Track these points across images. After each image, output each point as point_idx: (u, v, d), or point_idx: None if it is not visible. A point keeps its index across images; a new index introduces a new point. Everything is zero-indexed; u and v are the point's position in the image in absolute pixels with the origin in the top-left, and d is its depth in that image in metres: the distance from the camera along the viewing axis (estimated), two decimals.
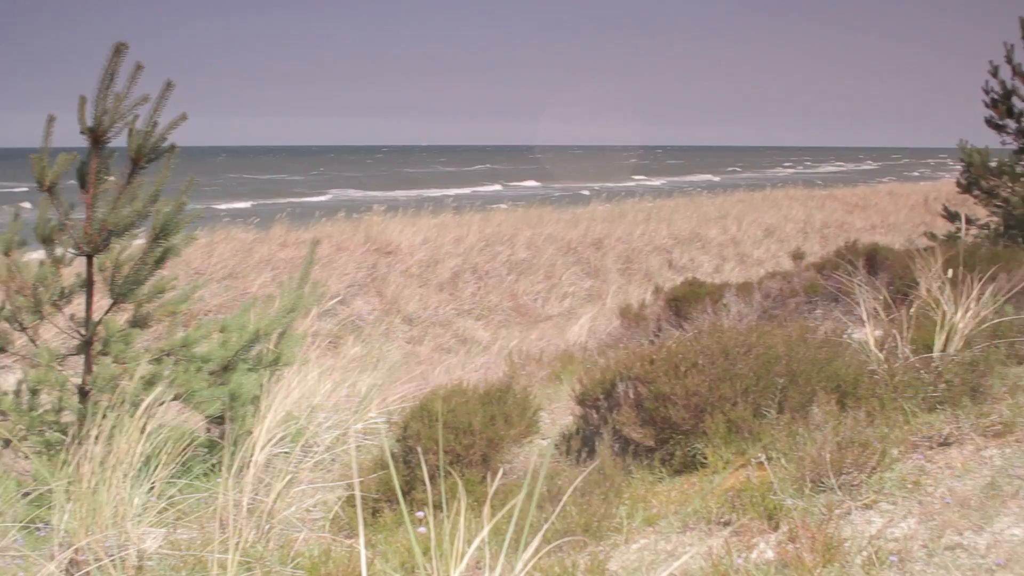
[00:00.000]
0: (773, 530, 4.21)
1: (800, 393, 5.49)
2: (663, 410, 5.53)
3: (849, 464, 4.49)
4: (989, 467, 4.61)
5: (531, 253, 22.72)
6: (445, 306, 19.32)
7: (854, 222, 31.61)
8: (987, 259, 9.25)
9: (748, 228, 28.06)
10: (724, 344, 5.77)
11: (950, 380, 5.57)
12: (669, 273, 22.93)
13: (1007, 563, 3.52)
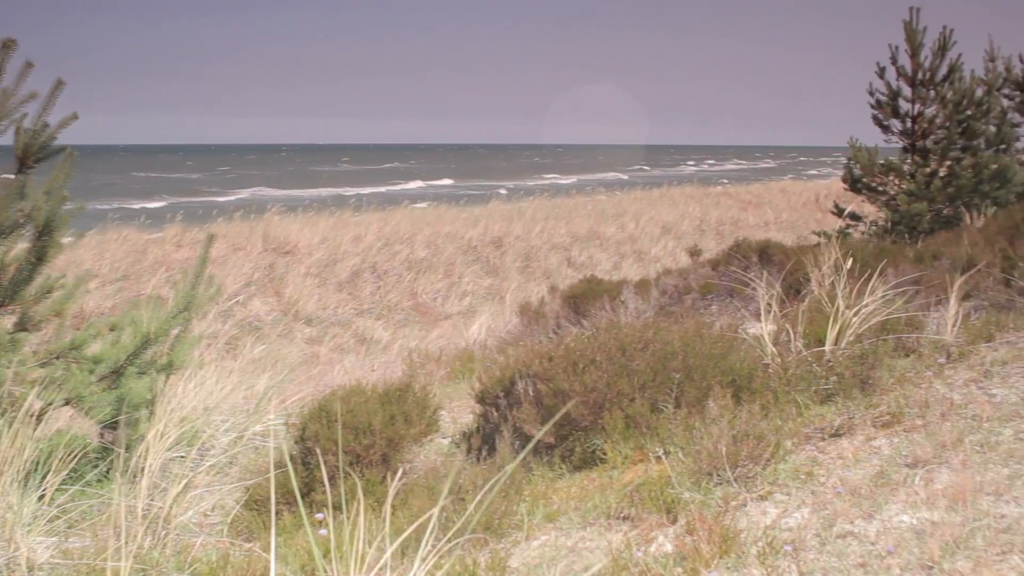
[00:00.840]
0: (671, 523, 4.27)
1: (696, 388, 5.57)
2: (562, 406, 5.57)
3: (744, 457, 4.57)
4: (879, 456, 4.74)
5: (431, 252, 22.68)
6: (344, 306, 19.18)
7: (748, 219, 32.19)
8: (875, 255, 9.51)
9: (646, 226, 28.37)
10: (622, 340, 5.82)
11: (841, 373, 5.70)
12: (568, 271, 23.08)
13: (896, 549, 3.62)
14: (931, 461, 4.51)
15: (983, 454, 4.54)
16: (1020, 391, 5.53)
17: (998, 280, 8.09)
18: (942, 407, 5.31)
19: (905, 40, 15.70)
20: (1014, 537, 3.60)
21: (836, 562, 3.62)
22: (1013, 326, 6.97)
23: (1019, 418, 5.03)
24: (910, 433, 4.98)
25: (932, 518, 3.87)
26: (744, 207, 34.91)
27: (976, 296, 8.23)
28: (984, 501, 3.98)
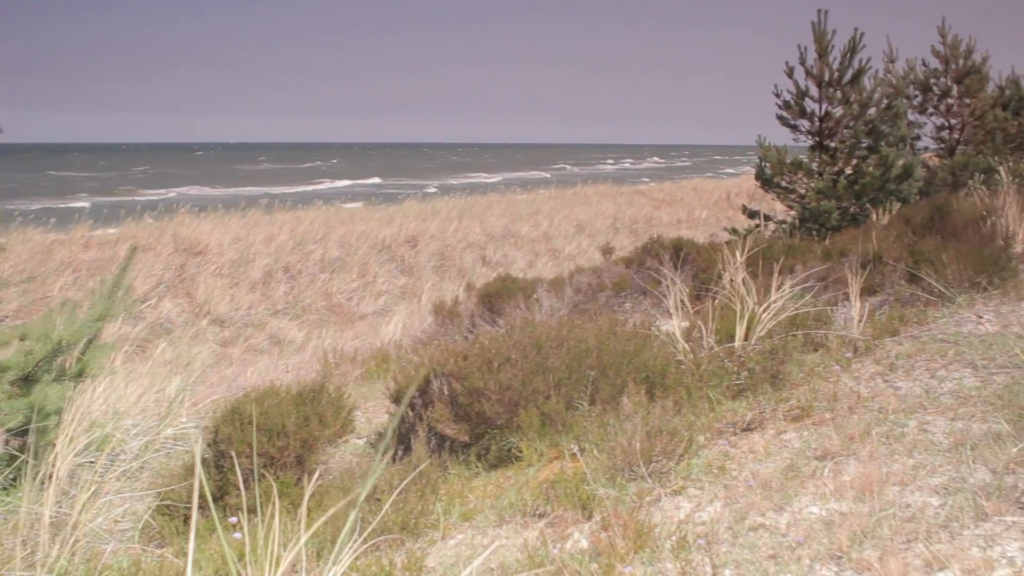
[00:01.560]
0: (587, 519, 4.30)
1: (611, 385, 5.62)
2: (477, 405, 5.57)
3: (658, 452, 4.62)
4: (789, 450, 4.82)
5: (345, 251, 22.51)
6: (257, 306, 18.94)
7: (661, 217, 32.51)
8: (785, 252, 9.67)
9: (560, 224, 28.50)
10: (536, 338, 5.85)
11: (752, 368, 5.80)
12: (483, 269, 23.08)
13: (806, 540, 3.69)
14: (839, 453, 4.61)
15: (889, 445, 4.65)
16: (924, 383, 5.68)
17: (903, 276, 8.28)
18: (850, 400, 5.43)
19: (814, 41, 15.98)
20: (918, 526, 3.69)
21: (748, 554, 3.68)
22: (917, 320, 7.15)
23: (923, 410, 5.16)
24: (819, 426, 5.08)
25: (840, 509, 3.95)
26: (657, 205, 35.25)
27: (882, 291, 8.42)
28: (890, 491, 4.08)
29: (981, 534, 3.60)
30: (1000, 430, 4.60)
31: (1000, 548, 3.48)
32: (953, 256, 7.89)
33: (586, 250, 25.71)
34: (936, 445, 4.59)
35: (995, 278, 7.81)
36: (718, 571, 3.51)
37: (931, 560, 3.40)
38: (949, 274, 7.75)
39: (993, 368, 5.81)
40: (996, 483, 4.02)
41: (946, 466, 4.31)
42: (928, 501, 3.96)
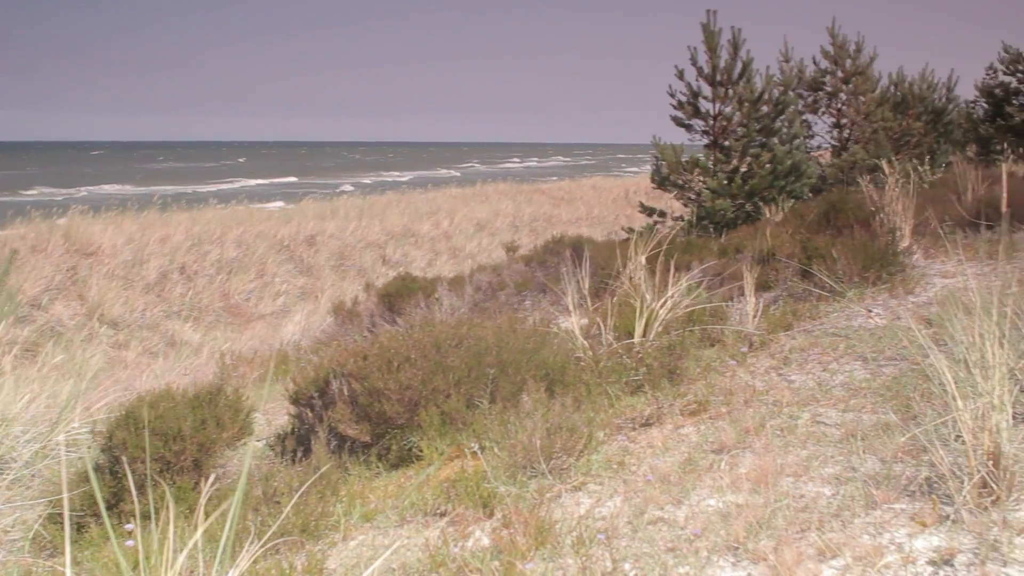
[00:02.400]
0: (488, 517, 4.30)
1: (511, 382, 5.63)
2: (378, 405, 5.54)
3: (559, 449, 4.65)
4: (686, 444, 4.89)
5: (242, 251, 22.20)
6: (153, 308, 18.57)
7: (561, 215, 32.72)
8: (681, 249, 9.80)
9: (460, 223, 28.51)
10: (436, 337, 5.84)
11: (650, 364, 5.86)
12: (383, 269, 22.98)
13: (704, 532, 3.74)
14: (736, 446, 4.69)
15: (783, 438, 4.74)
16: (816, 376, 5.81)
17: (796, 271, 8.45)
18: (745, 394, 5.53)
19: (703, 41, 16.22)
20: (812, 515, 3.78)
21: (647, 548, 3.72)
22: (810, 315, 7.31)
23: (816, 402, 5.28)
24: (716, 420, 5.16)
25: (737, 501, 4.02)
26: (557, 203, 35.47)
27: (776, 287, 8.59)
28: (785, 482, 4.16)
29: (871, 522, 3.70)
30: (889, 420, 4.73)
31: (889, 535, 3.57)
32: (843, 252, 8.09)
33: (486, 248, 25.76)
34: (828, 436, 4.70)
35: (883, 273, 8.02)
36: (618, 565, 3.54)
37: (824, 549, 3.48)
38: (840, 269, 7.94)
39: (882, 360, 5.97)
40: (885, 472, 4.13)
41: (838, 457, 4.42)
42: (821, 491, 4.06)
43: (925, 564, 3.34)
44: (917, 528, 3.62)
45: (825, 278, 7.82)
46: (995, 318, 3.96)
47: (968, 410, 3.76)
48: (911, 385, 5.22)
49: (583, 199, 37.02)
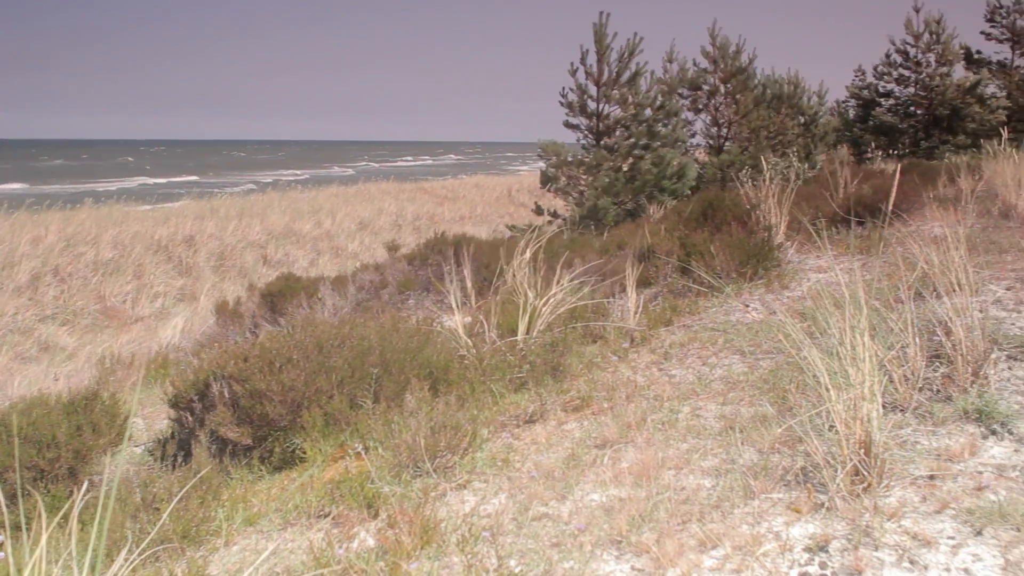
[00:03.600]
0: (373, 518, 4.27)
1: (394, 382, 5.61)
2: (260, 407, 5.46)
3: (443, 447, 4.64)
4: (570, 439, 4.93)
5: (119, 252, 21.64)
6: (24, 312, 17.96)
7: (444, 214, 32.68)
8: (565, 247, 9.89)
9: (343, 222, 28.26)
10: (319, 337, 5.78)
11: (533, 361, 5.90)
12: (264, 269, 22.65)
13: (588, 527, 3.78)
14: (618, 441, 4.74)
15: (664, 432, 4.82)
16: (696, 371, 5.92)
17: (676, 268, 8.59)
18: (627, 389, 5.60)
19: (594, 42, 16.41)
20: (693, 507, 3.85)
21: (532, 544, 3.74)
22: (689, 310, 7.44)
23: (696, 396, 5.38)
24: (598, 416, 5.21)
25: (620, 495, 4.07)
26: (440, 202, 35.43)
27: (657, 283, 8.72)
28: (666, 475, 4.23)
29: (750, 512, 3.79)
30: (766, 412, 4.85)
31: (767, 524, 3.66)
32: (721, 248, 8.25)
33: (369, 248, 25.58)
34: (708, 429, 4.79)
35: (759, 268, 8.21)
36: (503, 562, 3.55)
37: (705, 539, 3.55)
38: (718, 265, 8.10)
39: (759, 354, 6.11)
40: (763, 463, 4.23)
41: (717, 449, 4.51)
42: (701, 483, 4.13)
43: (801, 551, 3.43)
44: (793, 516, 3.72)
45: (704, 274, 7.97)
46: (864, 312, 4.09)
47: (840, 401, 3.87)
48: (787, 378, 5.36)
49: (466, 198, 37.06)
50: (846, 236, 10.03)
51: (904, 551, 3.39)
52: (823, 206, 11.18)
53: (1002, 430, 4.49)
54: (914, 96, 26.20)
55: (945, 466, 4.11)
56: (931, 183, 14.11)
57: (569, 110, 16.69)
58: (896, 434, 4.46)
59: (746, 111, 20.60)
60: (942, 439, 4.43)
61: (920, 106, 26.05)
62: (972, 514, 3.63)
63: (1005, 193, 11.29)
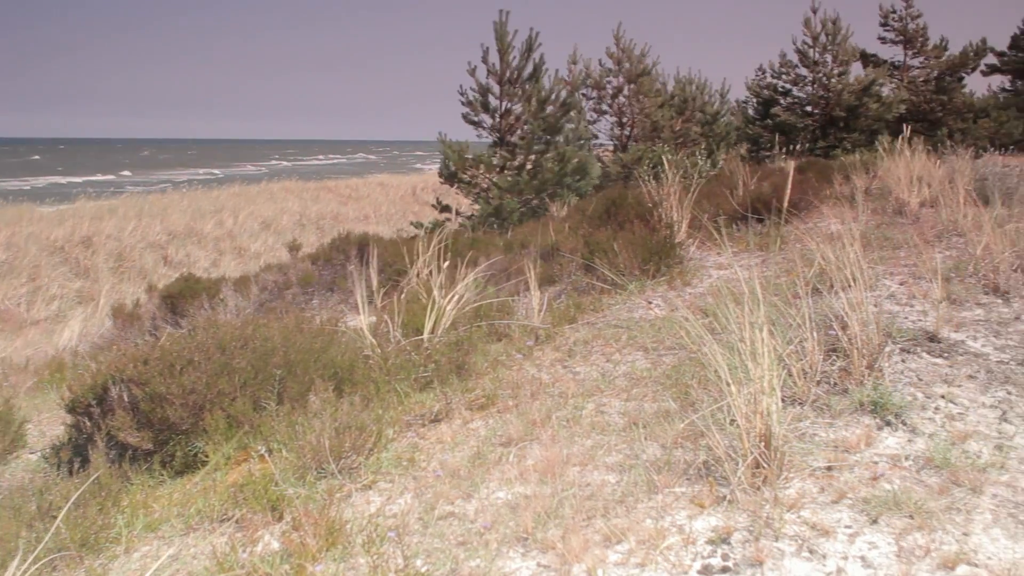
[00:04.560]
0: (277, 521, 4.23)
1: (298, 383, 5.55)
2: (160, 411, 5.36)
3: (348, 448, 4.62)
4: (475, 438, 4.94)
5: (12, 254, 21.07)
6: None
7: (348, 213, 32.47)
8: (469, 245, 9.89)
9: (245, 221, 27.91)
10: (220, 339, 5.69)
11: (438, 360, 5.89)
12: (165, 270, 22.26)
13: (493, 525, 3.79)
14: (523, 439, 4.76)
15: (569, 428, 4.85)
16: (600, 368, 5.97)
17: (580, 266, 8.65)
18: (532, 387, 5.62)
19: (495, 40, 16.44)
20: (597, 503, 3.88)
21: (439, 543, 3.74)
22: (593, 308, 7.50)
23: (600, 393, 5.42)
24: (503, 414, 5.23)
25: (525, 492, 4.08)
26: (344, 201, 35.19)
27: (561, 281, 8.77)
28: (571, 472, 4.26)
29: (654, 506, 3.84)
30: (669, 408, 4.91)
31: (671, 518, 3.71)
32: (624, 246, 8.33)
33: (272, 247, 25.31)
34: (612, 426, 4.84)
35: (662, 265, 8.31)
36: (410, 562, 3.54)
37: (609, 534, 3.59)
38: (621, 263, 8.18)
39: (662, 350, 6.18)
40: (666, 458, 4.29)
41: (621, 445, 4.55)
42: (606, 479, 4.17)
43: (704, 544, 3.49)
44: (696, 510, 3.77)
45: (607, 272, 8.04)
46: (763, 307, 4.16)
47: (741, 395, 3.94)
48: (689, 373, 5.43)
49: (370, 197, 36.89)
50: (746, 233, 10.21)
51: (803, 541, 3.46)
52: (724, 204, 11.37)
53: (896, 421, 4.62)
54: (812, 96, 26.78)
55: (842, 457, 4.22)
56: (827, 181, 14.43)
57: (470, 108, 16.70)
58: (795, 427, 4.56)
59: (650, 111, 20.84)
60: (839, 431, 4.54)
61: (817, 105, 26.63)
62: (868, 503, 3.73)
63: (898, 190, 11.60)
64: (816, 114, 26.75)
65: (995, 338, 6.14)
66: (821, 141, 26.09)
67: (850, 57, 26.57)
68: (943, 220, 10.31)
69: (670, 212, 9.69)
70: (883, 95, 26.14)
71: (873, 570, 3.25)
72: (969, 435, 4.46)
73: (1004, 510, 3.69)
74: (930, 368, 5.51)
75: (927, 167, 13.06)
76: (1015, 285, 7.21)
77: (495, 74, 16.46)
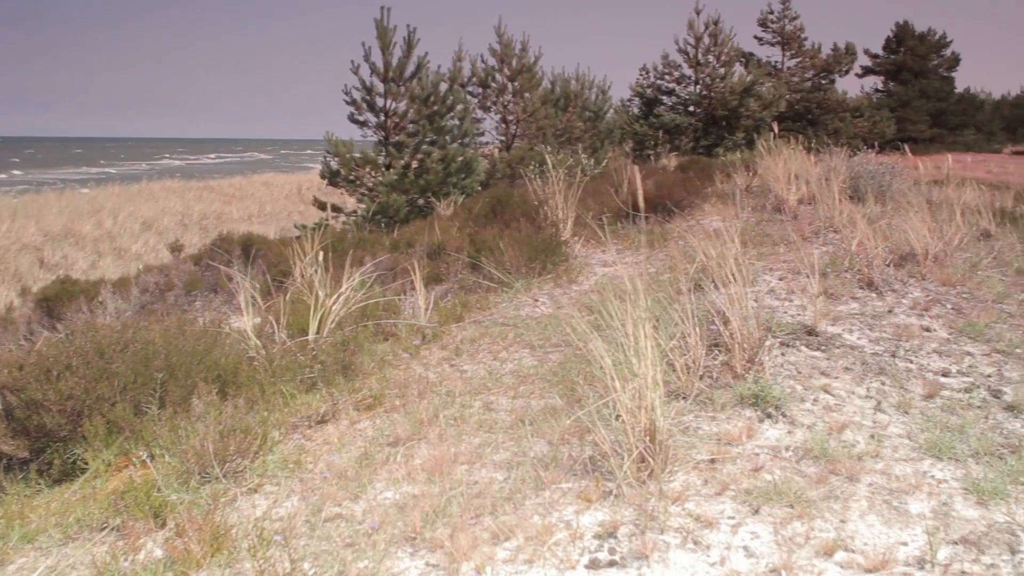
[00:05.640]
0: (160, 528, 4.14)
1: (181, 386, 5.45)
2: (36, 418, 5.20)
3: (233, 451, 4.54)
4: (363, 438, 4.91)
5: None
6: None
7: (232, 212, 31.93)
8: (355, 244, 9.82)
9: (125, 222, 27.22)
10: (99, 343, 5.55)
11: (324, 361, 5.84)
12: (41, 272, 21.56)
13: (382, 525, 3.77)
14: (411, 438, 4.75)
15: (457, 427, 4.86)
16: (487, 366, 5.99)
17: (466, 264, 8.67)
18: (419, 386, 5.62)
19: (377, 38, 16.32)
20: (485, 501, 3.90)
21: (326, 545, 3.70)
22: (479, 306, 7.52)
23: (487, 391, 5.44)
24: (391, 413, 5.21)
25: (413, 492, 4.08)
26: (228, 200, 34.62)
27: (448, 279, 8.77)
28: (459, 470, 4.27)
29: (541, 503, 3.86)
30: (555, 404, 4.96)
31: (558, 514, 3.75)
32: (510, 244, 8.37)
33: (154, 248, 24.73)
34: (499, 423, 4.86)
35: (548, 263, 8.37)
36: (297, 565, 3.51)
37: (498, 532, 3.60)
38: (507, 261, 8.22)
39: (548, 347, 6.24)
40: (553, 454, 4.33)
41: (509, 442, 4.58)
42: (494, 477, 4.19)
43: (591, 538, 3.53)
44: (583, 505, 3.81)
45: (493, 270, 8.07)
46: (647, 304, 4.23)
47: (626, 391, 4.00)
48: (575, 370, 5.49)
49: (255, 196, 36.34)
50: (630, 231, 10.35)
51: (688, 533, 3.53)
52: (609, 202, 11.50)
53: (776, 413, 4.74)
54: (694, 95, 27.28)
55: (725, 450, 4.31)
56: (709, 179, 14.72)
57: (355, 107, 16.57)
58: (679, 421, 4.64)
59: (534, 108, 20.94)
60: (722, 424, 4.64)
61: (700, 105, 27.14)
62: (750, 494, 3.82)
63: (778, 188, 11.89)
64: (699, 113, 27.26)
65: (869, 331, 6.34)
66: (704, 140, 26.60)
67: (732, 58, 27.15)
68: (820, 217, 10.61)
69: (555, 210, 9.77)
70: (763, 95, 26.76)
71: (755, 559, 3.33)
72: (846, 425, 4.60)
73: (879, 497, 3.81)
74: (808, 361, 5.66)
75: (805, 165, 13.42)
76: (888, 279, 7.45)
77: (378, 72, 16.36)
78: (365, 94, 16.52)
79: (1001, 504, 3.75)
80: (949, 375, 5.50)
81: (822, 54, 33.16)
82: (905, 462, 4.20)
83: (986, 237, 9.74)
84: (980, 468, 4.11)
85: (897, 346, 6.02)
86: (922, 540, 3.43)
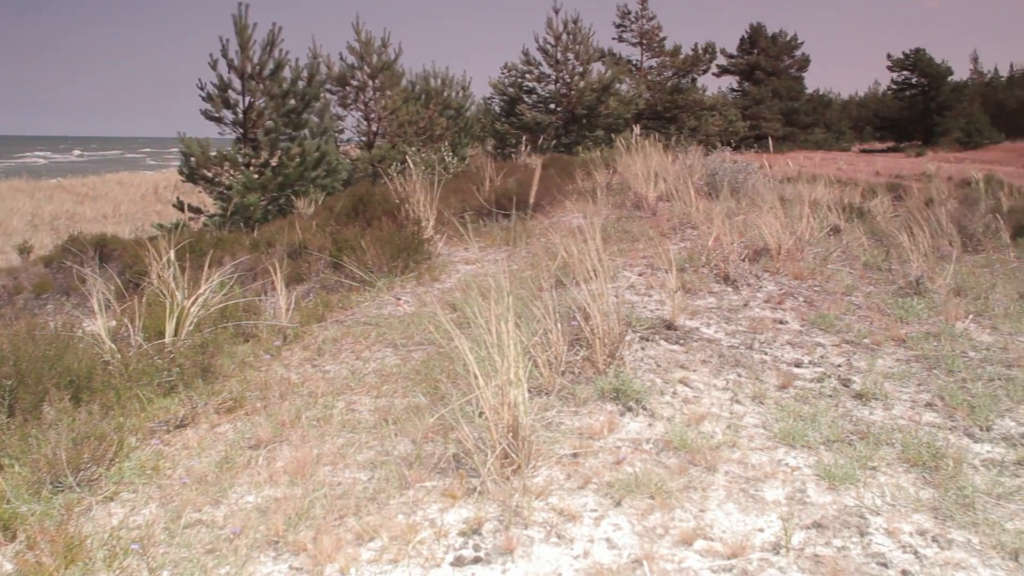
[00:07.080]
0: (10, 541, 3.99)
1: (31, 393, 5.26)
2: None
3: (87, 459, 4.41)
4: (223, 442, 4.82)
5: None
6: None
7: (85, 213, 30.95)
8: (213, 245, 9.63)
9: None
10: None
11: (182, 364, 5.71)
12: None
13: (243, 530, 3.71)
14: (273, 440, 4.69)
15: (320, 428, 4.81)
16: (350, 365, 5.94)
17: (328, 263, 8.58)
18: (281, 388, 5.54)
19: (235, 34, 16.06)
20: (349, 501, 3.87)
21: (186, 552, 3.62)
22: (342, 305, 7.46)
23: (350, 391, 5.40)
24: (252, 416, 5.13)
25: (276, 495, 4.02)
26: (81, 200, 33.56)
27: (309, 279, 8.68)
28: (322, 472, 4.23)
29: (406, 502, 3.86)
30: (419, 403, 4.95)
31: (423, 512, 3.75)
32: (372, 243, 8.33)
33: (2, 250, 23.85)
34: (363, 423, 4.83)
35: (410, 262, 8.36)
36: (156, 574, 3.43)
37: (362, 532, 3.58)
38: (369, 260, 8.17)
39: (411, 346, 6.22)
40: (417, 453, 4.32)
41: (372, 442, 4.56)
42: (358, 477, 4.16)
43: (456, 536, 3.54)
44: (448, 502, 3.82)
45: (355, 269, 8.01)
46: (509, 301, 4.26)
47: (489, 388, 4.02)
48: (438, 368, 5.50)
49: (109, 196, 35.30)
50: (492, 228, 10.40)
51: (552, 527, 3.57)
52: (471, 200, 11.54)
53: (637, 406, 4.83)
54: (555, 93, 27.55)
55: (587, 444, 4.37)
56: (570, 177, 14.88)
57: (211, 103, 16.26)
58: (542, 416, 4.69)
59: (395, 106, 20.87)
60: (584, 418, 4.70)
61: (560, 103, 27.43)
62: (612, 487, 3.88)
63: (637, 185, 12.09)
64: (560, 111, 27.55)
65: (726, 324, 6.51)
66: (564, 138, 26.90)
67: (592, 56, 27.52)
68: (678, 213, 10.84)
69: (417, 208, 9.76)
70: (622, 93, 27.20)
71: (618, 550, 3.39)
72: (704, 417, 4.72)
73: (736, 486, 3.92)
74: (668, 355, 5.78)
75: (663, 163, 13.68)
76: (743, 274, 7.66)
77: (236, 69, 16.09)
78: (221, 90, 16.22)
79: (851, 489, 3.90)
80: (802, 366, 5.68)
81: (681, 54, 33.92)
82: (761, 451, 4.32)
83: (835, 232, 10.09)
84: (831, 455, 4.26)
85: (753, 339, 6.20)
86: (777, 526, 3.54)
